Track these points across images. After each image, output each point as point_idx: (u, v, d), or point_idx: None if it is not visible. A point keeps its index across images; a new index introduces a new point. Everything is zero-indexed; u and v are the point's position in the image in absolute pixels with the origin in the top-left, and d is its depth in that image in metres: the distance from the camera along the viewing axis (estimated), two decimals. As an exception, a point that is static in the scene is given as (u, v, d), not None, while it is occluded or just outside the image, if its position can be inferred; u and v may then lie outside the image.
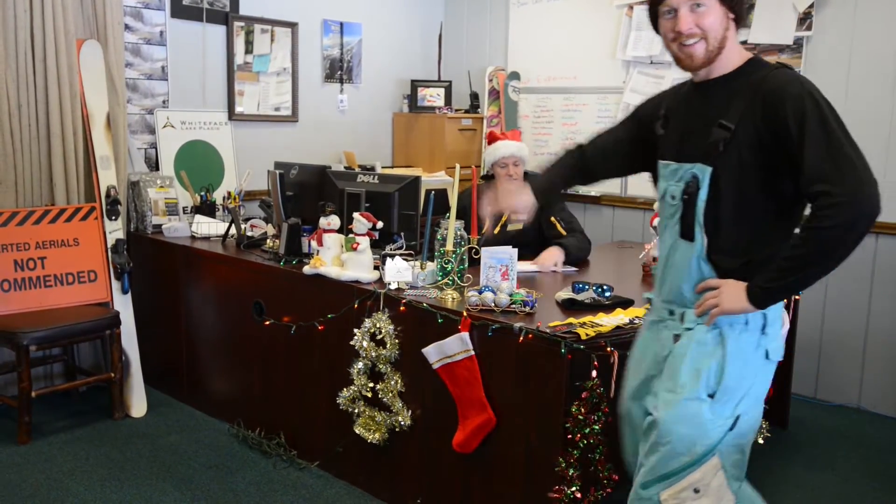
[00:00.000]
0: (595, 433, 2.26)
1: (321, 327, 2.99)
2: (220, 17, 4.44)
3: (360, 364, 2.82)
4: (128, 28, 4.04)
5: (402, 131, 5.38)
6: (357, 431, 2.86)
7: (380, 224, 2.95)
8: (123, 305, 3.76)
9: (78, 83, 3.75)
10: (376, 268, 2.95)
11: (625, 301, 2.70)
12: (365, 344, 2.78)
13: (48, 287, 3.62)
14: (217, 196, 4.19)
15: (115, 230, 3.78)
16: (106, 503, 2.88)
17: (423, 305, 2.65)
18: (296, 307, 3.13)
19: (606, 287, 2.72)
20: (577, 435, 2.25)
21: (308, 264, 3.04)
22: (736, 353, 1.78)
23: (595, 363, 2.26)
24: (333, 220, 3.01)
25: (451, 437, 2.58)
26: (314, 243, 3.06)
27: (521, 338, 2.35)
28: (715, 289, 1.78)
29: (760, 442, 2.86)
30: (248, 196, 4.33)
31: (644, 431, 1.88)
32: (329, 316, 2.96)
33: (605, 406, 2.28)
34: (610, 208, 4.79)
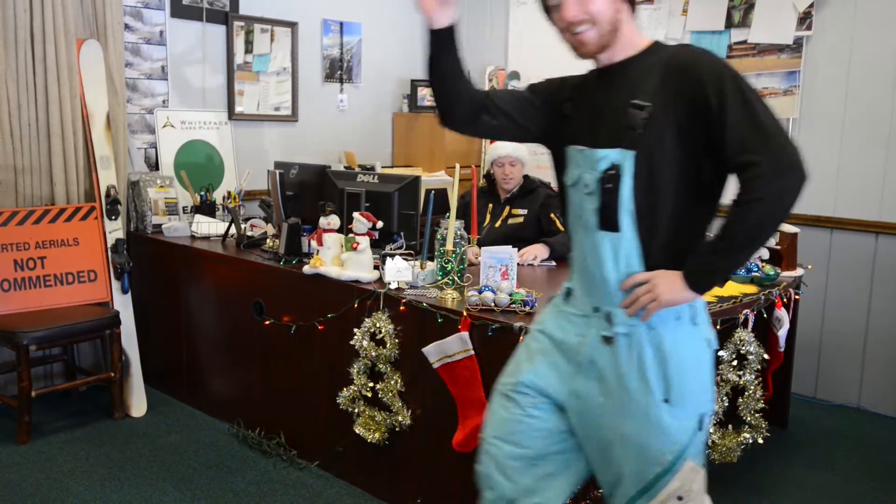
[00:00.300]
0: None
1: (321, 327, 2.99)
2: (220, 17, 4.44)
3: (360, 364, 2.82)
4: (128, 28, 4.04)
5: (402, 131, 5.38)
6: (357, 431, 2.86)
7: (380, 224, 2.95)
8: (123, 305, 3.76)
9: (78, 83, 3.75)
10: (376, 267, 2.95)
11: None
12: (365, 344, 2.78)
13: (48, 287, 3.62)
14: (217, 196, 4.19)
15: (115, 230, 3.78)
16: (106, 503, 2.88)
17: (423, 305, 2.65)
18: (296, 307, 3.13)
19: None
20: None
21: (308, 264, 3.03)
22: (677, 351, 1.69)
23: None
24: (333, 220, 3.01)
25: (451, 437, 2.58)
26: (314, 243, 3.06)
27: (522, 337, 2.34)
28: (644, 283, 1.67)
29: (760, 442, 2.86)
30: (248, 196, 4.33)
31: (603, 448, 1.78)
32: (329, 316, 2.96)
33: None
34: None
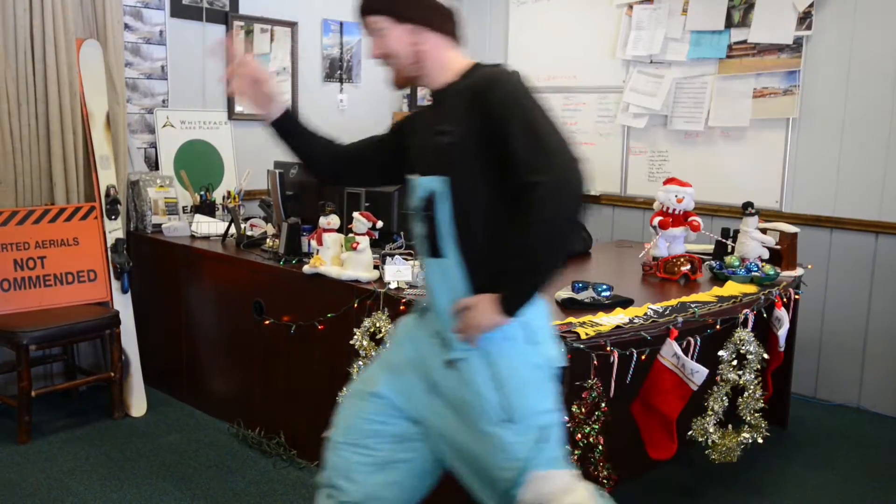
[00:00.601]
0: (595, 433, 2.26)
1: (321, 327, 2.99)
2: (220, 17, 4.44)
3: (360, 363, 2.82)
4: (127, 27, 4.04)
5: (402, 131, 5.37)
6: (357, 431, 2.86)
7: (379, 223, 2.95)
8: (123, 305, 3.76)
9: (78, 83, 3.75)
10: (376, 267, 2.95)
11: (624, 300, 2.69)
12: (365, 343, 2.78)
13: (48, 286, 3.62)
14: (217, 195, 4.19)
15: (115, 230, 3.78)
16: (106, 503, 2.88)
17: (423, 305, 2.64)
18: (295, 307, 3.13)
19: (606, 286, 2.71)
20: (577, 434, 2.25)
21: (308, 264, 3.03)
22: (512, 371, 1.70)
23: (595, 363, 2.26)
24: (333, 220, 3.01)
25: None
26: (314, 243, 3.06)
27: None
28: (468, 308, 1.68)
29: (760, 441, 2.86)
30: (248, 196, 4.33)
31: (456, 463, 1.81)
32: (329, 315, 2.96)
33: (605, 405, 2.28)
34: (610, 208, 4.79)
